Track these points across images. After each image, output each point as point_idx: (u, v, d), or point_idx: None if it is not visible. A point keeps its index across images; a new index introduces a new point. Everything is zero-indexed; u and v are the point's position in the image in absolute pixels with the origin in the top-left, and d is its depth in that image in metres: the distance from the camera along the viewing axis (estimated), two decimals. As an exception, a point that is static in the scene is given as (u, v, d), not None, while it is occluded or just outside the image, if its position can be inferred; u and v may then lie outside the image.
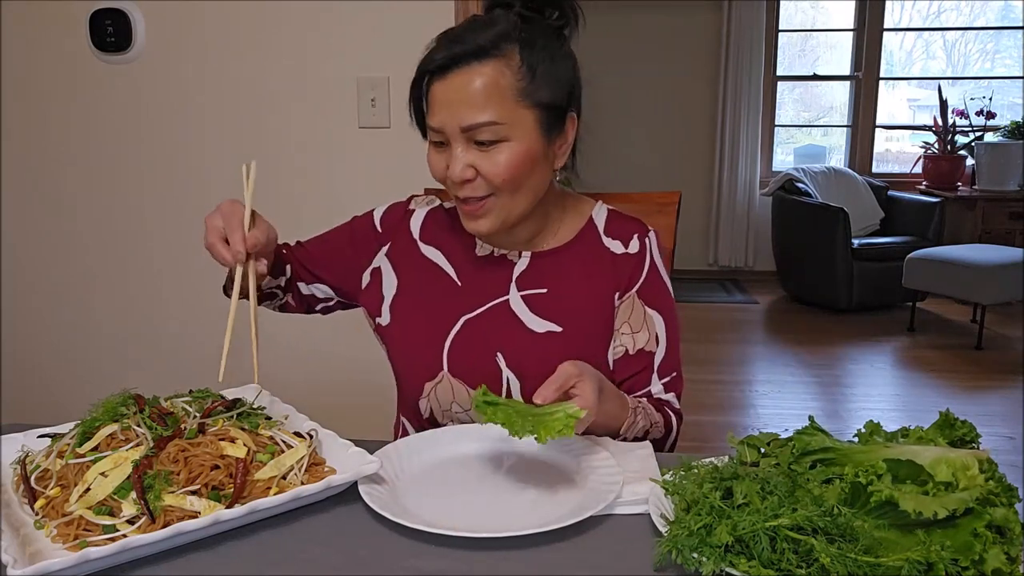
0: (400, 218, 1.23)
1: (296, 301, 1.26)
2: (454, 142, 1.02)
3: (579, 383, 0.91)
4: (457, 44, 1.01)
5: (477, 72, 1.00)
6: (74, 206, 2.17)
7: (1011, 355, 4.19)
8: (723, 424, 3.31)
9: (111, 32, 2.03)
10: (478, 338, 1.12)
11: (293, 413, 1.01)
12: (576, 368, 0.92)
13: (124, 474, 0.80)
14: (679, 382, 1.16)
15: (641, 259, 1.15)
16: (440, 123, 1.02)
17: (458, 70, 1.00)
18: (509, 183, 1.03)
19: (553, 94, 1.04)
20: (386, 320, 1.18)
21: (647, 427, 1.06)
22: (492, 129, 1.00)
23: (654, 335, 1.13)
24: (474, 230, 1.08)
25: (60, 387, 2.26)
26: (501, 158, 1.01)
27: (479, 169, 1.02)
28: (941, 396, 3.63)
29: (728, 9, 5.67)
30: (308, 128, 2.06)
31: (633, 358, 1.13)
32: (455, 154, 1.02)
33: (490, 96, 1.00)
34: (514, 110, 1.01)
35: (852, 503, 0.72)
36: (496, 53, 1.00)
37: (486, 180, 1.03)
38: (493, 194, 1.04)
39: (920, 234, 5.04)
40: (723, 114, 5.83)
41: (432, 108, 1.03)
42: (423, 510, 0.84)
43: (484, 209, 1.05)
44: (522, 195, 1.06)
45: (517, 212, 1.07)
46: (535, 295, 1.13)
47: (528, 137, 1.03)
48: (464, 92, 1.00)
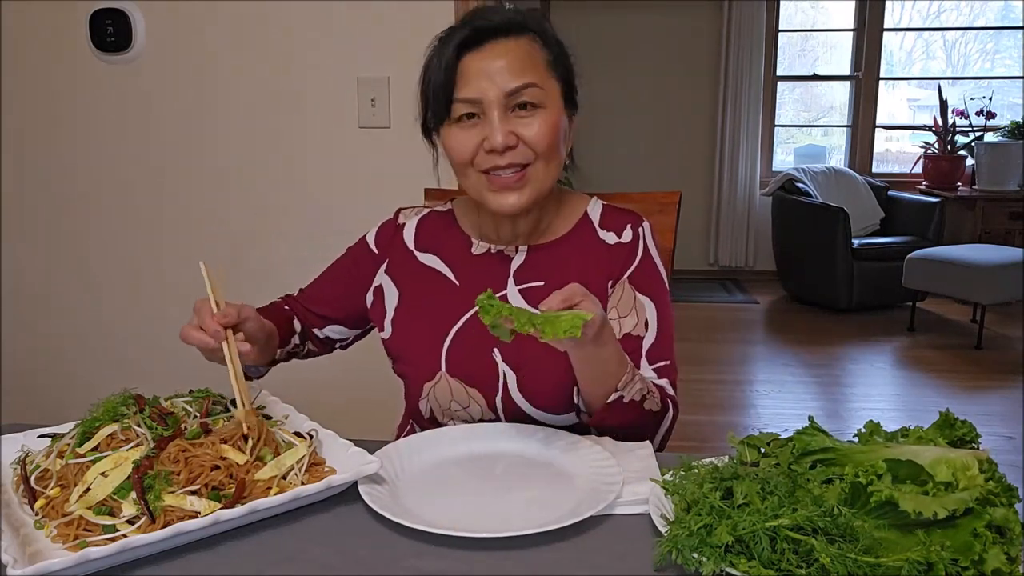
0: (392, 234, 1.24)
1: (317, 345, 1.29)
2: (491, 111, 1.03)
3: (585, 300, 0.91)
4: (484, 20, 1.05)
5: (513, 44, 1.05)
6: (74, 206, 2.17)
7: (1011, 355, 4.19)
8: (723, 424, 3.31)
9: (111, 32, 2.03)
10: (476, 336, 1.11)
11: (293, 413, 1.01)
12: (583, 290, 0.92)
13: (124, 474, 0.80)
14: (672, 371, 1.13)
15: (634, 247, 1.16)
16: (479, 92, 1.03)
17: (494, 42, 1.04)
18: (549, 149, 1.06)
19: (569, 74, 1.10)
20: (388, 333, 1.19)
21: (644, 392, 1.03)
22: (534, 91, 1.04)
23: (643, 320, 1.12)
24: (508, 205, 1.07)
25: (60, 387, 2.26)
26: (540, 123, 1.05)
27: (520, 135, 1.04)
28: (941, 396, 3.63)
29: (728, 9, 5.67)
30: (308, 128, 2.06)
31: (619, 342, 1.10)
32: (494, 123, 1.03)
33: (527, 61, 1.04)
34: (547, 78, 1.06)
35: (852, 503, 0.72)
36: (522, 31, 1.06)
37: (528, 145, 1.05)
38: (531, 163, 1.06)
39: (920, 234, 5.04)
40: (723, 114, 5.83)
41: (466, 80, 1.04)
42: (423, 510, 0.84)
43: (524, 179, 1.06)
44: (553, 167, 1.09)
45: (547, 186, 1.09)
46: (533, 288, 1.14)
47: (557, 107, 1.07)
48: (504, 59, 1.03)
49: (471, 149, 1.05)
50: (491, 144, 1.03)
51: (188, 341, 0.98)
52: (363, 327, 1.29)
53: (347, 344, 1.31)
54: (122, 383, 1.01)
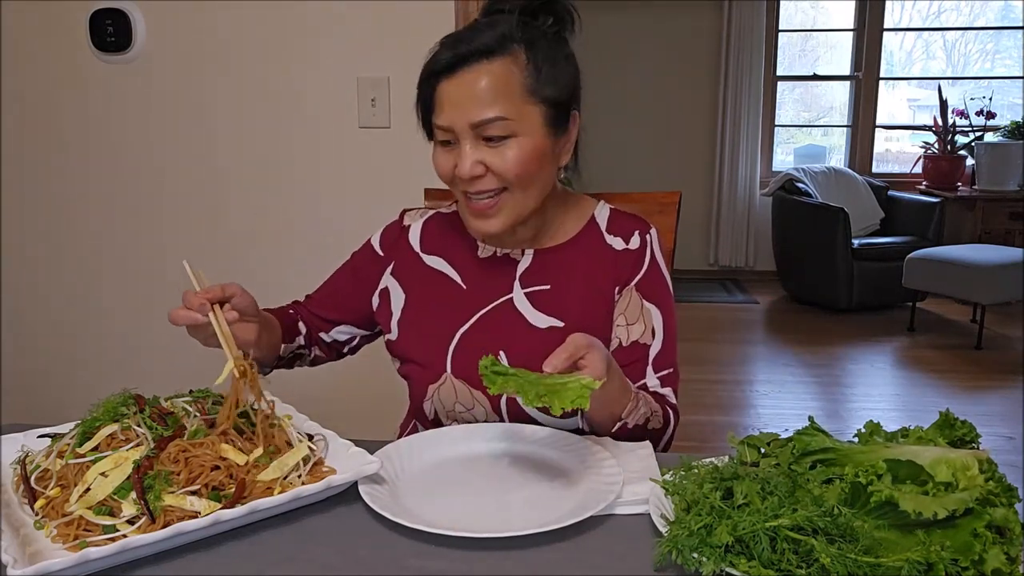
0: (398, 236, 1.24)
1: (324, 351, 1.28)
2: (463, 139, 1.03)
3: (589, 354, 0.90)
4: (463, 44, 1.02)
5: (486, 70, 1.01)
6: (74, 206, 2.17)
7: (1011, 355, 4.19)
8: (723, 424, 3.31)
9: (111, 32, 2.03)
10: (482, 338, 1.12)
11: (294, 413, 1.01)
12: (586, 340, 0.91)
13: (124, 474, 0.80)
14: (675, 378, 1.15)
15: (641, 254, 1.16)
16: (449, 121, 1.02)
17: (467, 68, 1.01)
18: (519, 178, 1.04)
19: (558, 91, 1.05)
20: (394, 335, 1.19)
21: (648, 415, 1.05)
22: (501, 125, 1.01)
23: (650, 328, 1.13)
24: (482, 230, 1.08)
25: (60, 387, 2.26)
26: (510, 154, 1.02)
27: (489, 165, 1.03)
28: (941, 396, 3.63)
29: (728, 9, 5.67)
30: (308, 128, 2.06)
31: (626, 349, 1.13)
32: (464, 151, 1.03)
33: (498, 92, 1.01)
34: (522, 106, 1.02)
35: (852, 503, 0.72)
36: (502, 52, 1.02)
37: (496, 176, 1.03)
38: (505, 189, 1.05)
39: (920, 234, 5.04)
40: (723, 114, 5.83)
41: (440, 107, 1.03)
42: (423, 510, 0.84)
43: (496, 207, 1.06)
44: (532, 192, 1.07)
45: (527, 209, 1.08)
46: (538, 291, 1.14)
47: (536, 133, 1.04)
48: (473, 89, 1.01)
49: (449, 171, 1.06)
50: (459, 172, 1.04)
51: (176, 322, 0.98)
52: (370, 328, 1.28)
53: (356, 347, 1.31)
54: (122, 383, 1.01)
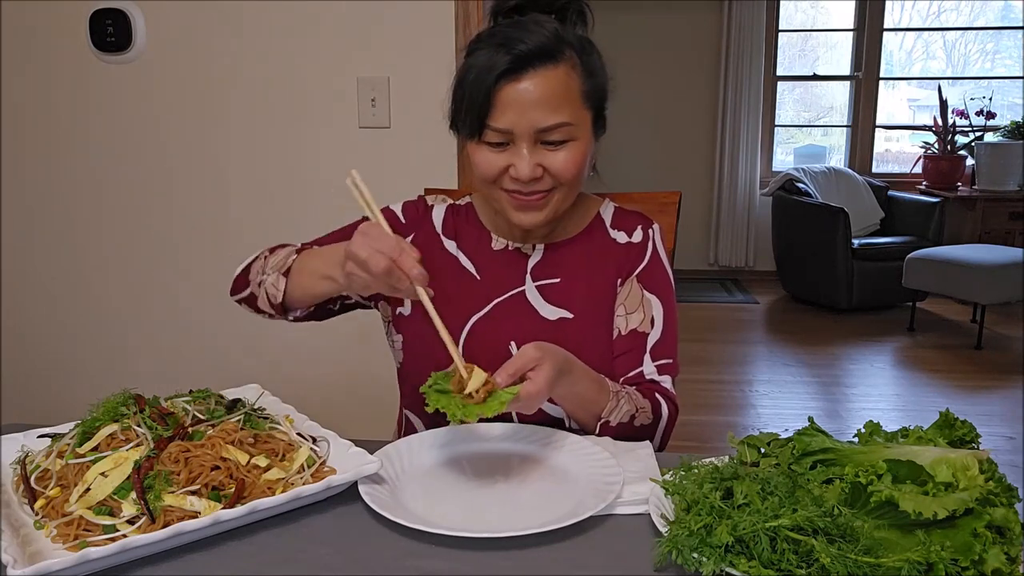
0: (423, 212, 1.24)
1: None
2: (520, 143, 1.03)
3: (537, 367, 0.92)
4: (520, 45, 1.00)
5: (552, 74, 1.02)
6: (74, 206, 2.17)
7: (1011, 355, 4.19)
8: (723, 424, 3.31)
9: (111, 32, 2.03)
10: (493, 329, 1.14)
11: (294, 413, 1.01)
12: (538, 352, 0.93)
13: (124, 474, 0.80)
14: (674, 368, 1.16)
15: (643, 247, 1.20)
16: (510, 124, 1.02)
17: (532, 72, 1.01)
18: (573, 179, 1.07)
19: (602, 95, 1.10)
20: (408, 310, 1.20)
21: (633, 412, 1.06)
22: (564, 130, 1.04)
23: (649, 317, 1.16)
24: (528, 223, 1.10)
25: (60, 387, 2.26)
26: (568, 156, 1.05)
27: (547, 167, 1.05)
28: (941, 396, 3.63)
29: (728, 9, 5.67)
30: (308, 128, 2.06)
31: (625, 337, 1.15)
32: (522, 154, 1.03)
33: (562, 99, 1.03)
34: (580, 111, 1.05)
35: (852, 503, 0.72)
36: (561, 56, 1.03)
37: (552, 177, 1.06)
38: (555, 188, 1.07)
39: (920, 234, 5.04)
40: (723, 114, 5.82)
41: (500, 109, 1.02)
42: (423, 510, 0.84)
43: (546, 201, 1.08)
44: (575, 190, 1.11)
45: (567, 205, 1.12)
46: (549, 284, 1.17)
47: (586, 136, 1.08)
48: (538, 94, 1.01)
49: (496, 171, 1.06)
50: (517, 174, 1.04)
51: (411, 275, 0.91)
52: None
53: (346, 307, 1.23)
54: (122, 383, 1.01)
